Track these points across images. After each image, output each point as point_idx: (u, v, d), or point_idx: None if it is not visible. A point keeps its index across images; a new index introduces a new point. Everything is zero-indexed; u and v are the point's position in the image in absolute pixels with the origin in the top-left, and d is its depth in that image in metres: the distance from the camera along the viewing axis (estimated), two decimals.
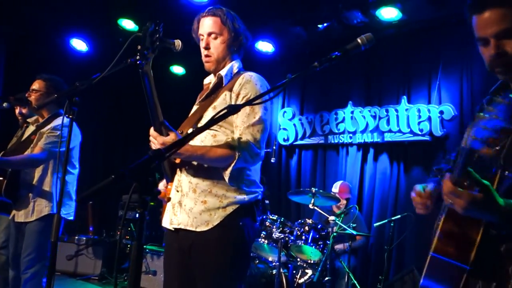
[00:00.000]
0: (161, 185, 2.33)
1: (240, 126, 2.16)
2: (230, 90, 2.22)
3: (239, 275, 2.20)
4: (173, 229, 2.23)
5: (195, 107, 2.39)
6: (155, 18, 2.09)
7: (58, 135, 3.41)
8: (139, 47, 1.98)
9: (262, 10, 5.64)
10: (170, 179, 2.29)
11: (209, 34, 2.28)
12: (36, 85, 3.61)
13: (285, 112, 6.87)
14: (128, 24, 6.26)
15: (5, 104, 3.66)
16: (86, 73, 2.51)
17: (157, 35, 2.02)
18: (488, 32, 1.45)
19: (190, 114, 2.39)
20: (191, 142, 2.12)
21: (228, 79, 2.29)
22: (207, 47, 2.28)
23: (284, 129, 6.83)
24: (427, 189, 1.65)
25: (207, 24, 2.29)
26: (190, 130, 2.26)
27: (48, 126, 3.51)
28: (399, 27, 5.64)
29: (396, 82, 6.01)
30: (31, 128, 3.70)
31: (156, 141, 2.08)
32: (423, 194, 1.64)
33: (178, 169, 2.26)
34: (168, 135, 2.10)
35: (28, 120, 3.77)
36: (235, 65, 2.33)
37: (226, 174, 2.11)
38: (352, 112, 6.20)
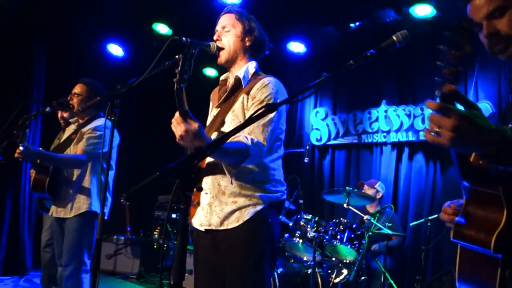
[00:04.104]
0: None
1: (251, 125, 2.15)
2: (248, 93, 2.25)
3: (268, 270, 2.23)
4: (204, 230, 2.28)
5: (215, 111, 2.39)
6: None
7: (99, 135, 3.51)
8: (177, 70, 1.95)
9: (293, 11, 5.64)
10: None
11: (222, 28, 2.35)
12: (77, 89, 3.73)
13: (317, 112, 6.86)
14: (162, 28, 6.39)
15: (47, 109, 3.79)
16: (122, 77, 2.59)
17: (194, 58, 2.02)
18: (479, 16, 1.49)
19: (211, 118, 2.42)
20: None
21: (246, 81, 2.32)
22: (218, 39, 2.33)
23: (317, 129, 6.81)
24: (453, 205, 1.59)
25: (221, 20, 2.38)
26: (214, 134, 2.28)
27: (89, 126, 3.61)
28: (433, 24, 5.55)
29: (430, 80, 5.88)
30: (72, 128, 3.82)
31: (179, 127, 1.91)
32: (449, 210, 1.58)
33: (205, 172, 2.28)
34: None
35: (70, 120, 3.90)
36: (250, 66, 2.36)
37: (232, 172, 2.07)
38: (385, 111, 6.14)
